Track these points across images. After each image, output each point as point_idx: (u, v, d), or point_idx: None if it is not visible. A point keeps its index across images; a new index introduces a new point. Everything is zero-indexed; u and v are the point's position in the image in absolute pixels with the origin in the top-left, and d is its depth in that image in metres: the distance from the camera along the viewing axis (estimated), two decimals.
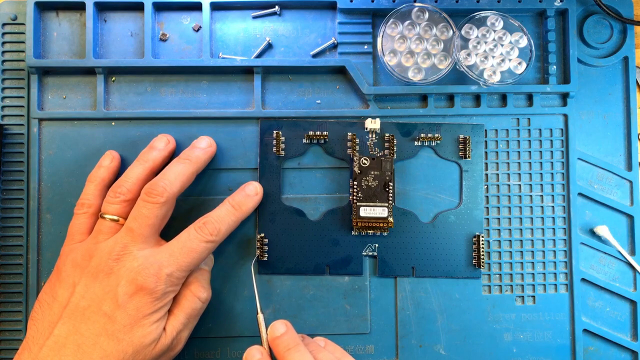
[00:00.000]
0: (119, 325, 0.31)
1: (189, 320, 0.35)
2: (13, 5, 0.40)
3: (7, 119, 0.39)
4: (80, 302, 0.32)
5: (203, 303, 0.35)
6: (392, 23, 0.39)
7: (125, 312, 0.31)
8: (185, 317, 0.34)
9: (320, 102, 0.40)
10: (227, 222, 0.35)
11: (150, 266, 0.32)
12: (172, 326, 0.34)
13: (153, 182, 0.34)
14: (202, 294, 0.35)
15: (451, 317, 0.39)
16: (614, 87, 0.41)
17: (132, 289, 0.32)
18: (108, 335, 0.31)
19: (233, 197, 0.37)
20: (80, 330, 0.31)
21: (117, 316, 0.31)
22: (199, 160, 0.37)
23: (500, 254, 0.40)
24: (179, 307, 0.34)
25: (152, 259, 0.33)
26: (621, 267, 0.40)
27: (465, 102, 0.41)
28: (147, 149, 0.37)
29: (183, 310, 0.34)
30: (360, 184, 0.38)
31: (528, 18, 0.41)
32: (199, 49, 0.40)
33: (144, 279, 0.32)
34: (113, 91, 0.40)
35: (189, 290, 0.35)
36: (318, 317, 0.39)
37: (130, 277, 0.32)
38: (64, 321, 0.31)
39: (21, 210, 0.39)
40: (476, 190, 0.40)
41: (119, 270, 0.32)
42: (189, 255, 0.33)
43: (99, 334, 0.31)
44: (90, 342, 0.31)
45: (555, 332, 0.40)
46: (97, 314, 0.31)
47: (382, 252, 0.39)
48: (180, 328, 0.34)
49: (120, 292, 0.32)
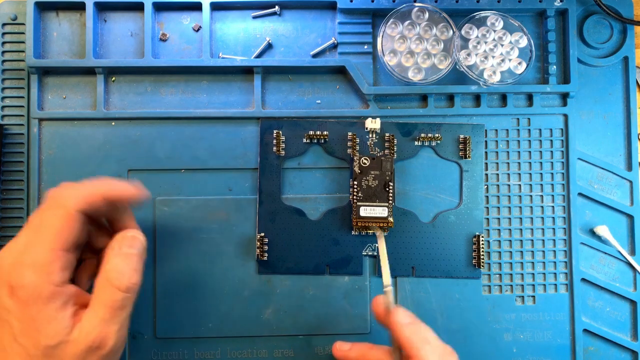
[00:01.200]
0: (16, 330, 0.28)
1: (112, 313, 0.30)
2: (13, 5, 0.40)
3: (7, 119, 0.39)
4: None
5: (126, 292, 0.30)
6: (392, 23, 0.39)
7: (14, 316, 0.28)
8: (105, 310, 0.29)
9: (320, 102, 0.40)
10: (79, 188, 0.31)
11: (15, 262, 0.28)
12: (89, 321, 0.29)
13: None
14: (122, 282, 0.30)
15: (451, 317, 0.39)
16: (614, 87, 0.41)
17: (7, 290, 0.28)
18: (14, 341, 0.28)
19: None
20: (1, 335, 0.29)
21: (11, 320, 0.28)
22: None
23: (500, 254, 0.40)
24: (96, 299, 0.30)
25: (15, 252, 0.29)
26: (621, 267, 0.40)
27: (465, 102, 0.41)
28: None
29: (101, 303, 0.30)
30: (361, 184, 0.38)
31: (528, 18, 0.41)
32: (199, 49, 0.40)
33: (10, 277, 0.28)
34: (113, 91, 0.40)
35: (105, 279, 0.30)
36: (318, 317, 0.39)
37: (5, 278, 0.28)
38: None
39: (21, 210, 0.39)
40: (476, 190, 0.40)
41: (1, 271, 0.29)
42: (41, 232, 0.29)
43: (10, 340, 0.28)
44: (9, 347, 0.29)
45: (555, 332, 0.40)
46: (1, 319, 0.29)
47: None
48: (101, 323, 0.29)
49: (2, 295, 0.28)
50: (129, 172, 0.39)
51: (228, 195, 0.39)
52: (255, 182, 0.39)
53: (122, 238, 0.32)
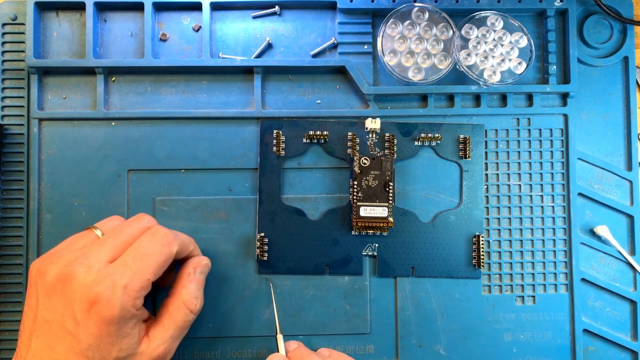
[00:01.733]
0: (84, 344, 0.29)
1: (180, 332, 0.33)
2: (13, 5, 0.40)
3: (7, 119, 0.39)
4: (47, 314, 0.30)
5: (195, 314, 0.34)
6: (392, 23, 0.39)
7: (86, 331, 0.29)
8: (175, 328, 0.33)
9: (320, 102, 0.40)
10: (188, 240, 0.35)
11: (103, 280, 0.29)
12: (160, 337, 0.32)
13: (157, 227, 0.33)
14: (195, 306, 0.34)
15: (451, 317, 0.39)
16: (614, 87, 0.41)
17: (86, 305, 0.29)
18: (77, 354, 0.29)
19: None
20: (52, 345, 0.30)
21: (79, 335, 0.29)
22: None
23: (500, 254, 0.40)
24: (169, 319, 0.33)
25: (105, 271, 0.30)
26: (621, 267, 0.40)
27: (465, 102, 0.41)
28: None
29: (174, 322, 0.33)
30: (361, 184, 0.38)
31: (528, 18, 0.41)
32: (199, 49, 0.40)
33: (96, 295, 0.29)
34: (113, 91, 0.40)
35: (182, 302, 0.33)
36: (318, 317, 0.39)
37: (84, 293, 0.29)
38: (37, 335, 0.30)
39: (21, 210, 0.39)
40: (476, 190, 0.40)
41: (72, 283, 0.29)
42: (145, 261, 0.31)
43: (69, 351, 0.29)
44: (63, 358, 0.29)
45: (555, 332, 0.40)
46: (62, 330, 0.29)
47: (382, 252, 0.39)
48: (169, 340, 0.32)
49: (77, 309, 0.29)
50: (129, 172, 0.39)
51: (228, 195, 0.39)
52: (255, 182, 0.39)
53: (198, 264, 0.35)
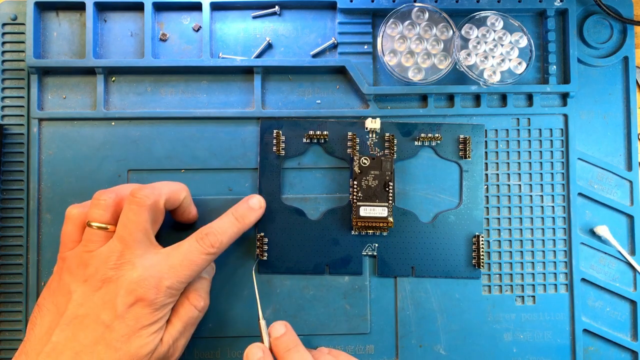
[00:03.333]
0: (117, 334, 0.31)
1: (185, 328, 0.34)
2: (13, 5, 0.40)
3: (7, 119, 0.39)
4: (79, 310, 0.31)
5: (200, 312, 0.35)
6: (392, 23, 0.39)
7: (123, 322, 0.31)
8: (182, 325, 0.34)
9: (320, 102, 0.40)
10: (229, 234, 0.35)
11: (150, 277, 0.32)
12: (169, 335, 0.33)
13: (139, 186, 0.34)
14: (199, 303, 0.35)
15: (451, 317, 0.39)
16: (614, 87, 0.41)
17: (131, 299, 0.31)
18: (106, 344, 0.31)
19: (236, 209, 0.36)
20: (79, 338, 0.31)
21: (115, 326, 0.31)
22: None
23: (500, 254, 0.40)
24: (176, 316, 0.34)
25: (152, 270, 0.32)
26: (621, 267, 0.40)
27: (465, 102, 0.41)
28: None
29: (180, 319, 0.34)
30: (360, 184, 0.38)
31: (528, 18, 0.41)
32: (199, 49, 0.40)
33: (144, 291, 0.31)
34: (113, 91, 0.40)
35: (187, 299, 0.35)
36: (318, 317, 0.39)
37: (130, 288, 0.31)
38: (62, 328, 0.31)
39: (21, 210, 0.39)
40: (476, 190, 0.40)
41: (118, 279, 0.32)
42: (189, 268, 0.33)
43: (97, 342, 0.31)
44: (88, 350, 0.31)
45: (555, 332, 0.40)
46: (96, 322, 0.31)
47: (382, 252, 0.39)
48: (177, 337, 0.34)
49: (119, 303, 0.31)
50: (129, 172, 0.39)
51: (228, 195, 0.39)
52: (255, 182, 0.39)
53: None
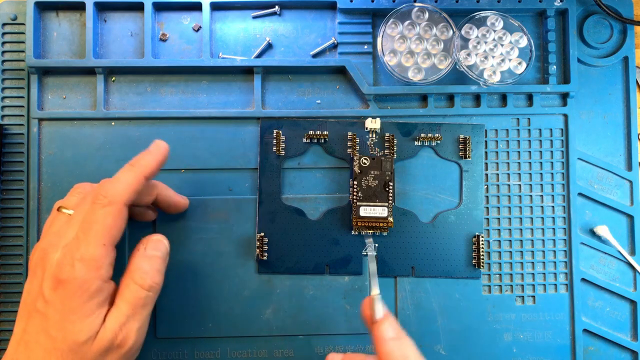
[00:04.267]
0: (51, 322, 0.29)
1: (134, 310, 0.31)
2: (13, 5, 0.40)
3: (7, 119, 0.39)
4: (27, 298, 0.31)
5: (148, 291, 0.32)
6: (392, 23, 0.39)
7: (53, 308, 0.29)
8: (128, 307, 0.31)
9: (320, 102, 0.40)
10: (123, 181, 0.32)
11: (64, 256, 0.30)
12: (113, 318, 0.30)
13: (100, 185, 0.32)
14: (145, 281, 0.32)
15: (451, 317, 0.39)
16: (614, 87, 0.41)
17: (53, 283, 0.29)
18: (44, 333, 0.29)
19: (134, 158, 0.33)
20: (28, 328, 0.30)
21: (48, 312, 0.29)
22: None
23: (500, 254, 0.40)
24: (120, 297, 0.31)
25: (65, 248, 0.30)
26: (621, 267, 0.40)
27: (465, 102, 0.41)
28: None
29: (125, 300, 0.31)
30: (360, 184, 0.38)
31: (528, 18, 0.41)
32: (199, 49, 0.40)
33: (60, 271, 0.29)
34: (113, 91, 0.40)
35: (130, 278, 0.32)
36: (318, 317, 0.39)
37: (51, 271, 0.30)
38: (19, 319, 0.31)
39: (21, 210, 0.39)
40: (476, 190, 0.40)
41: (44, 264, 0.30)
42: (92, 229, 0.30)
43: (38, 331, 0.30)
44: (34, 340, 0.30)
45: (555, 332, 0.40)
46: (35, 311, 0.30)
47: (382, 252, 0.39)
48: (124, 320, 0.31)
49: (45, 287, 0.30)
50: None
51: (228, 195, 0.39)
52: (255, 182, 0.39)
53: (148, 241, 0.34)
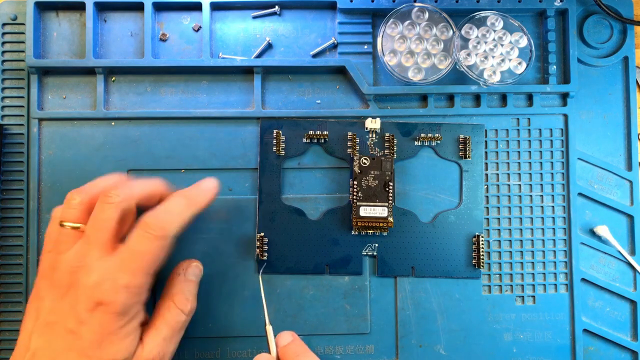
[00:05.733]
0: (86, 342, 0.30)
1: (172, 333, 0.33)
2: (13, 5, 0.40)
3: (7, 119, 0.39)
4: (49, 316, 0.31)
5: (187, 316, 0.34)
6: (392, 23, 0.39)
7: (89, 329, 0.30)
8: (168, 330, 0.33)
9: (320, 102, 0.40)
10: (177, 216, 0.32)
11: (105, 280, 0.30)
12: (153, 339, 0.32)
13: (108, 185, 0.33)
14: (186, 306, 0.34)
15: (451, 317, 0.39)
16: (614, 87, 0.41)
17: (90, 304, 0.30)
18: (78, 352, 0.30)
19: (185, 190, 0.34)
20: (53, 345, 0.30)
21: (82, 333, 0.30)
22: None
23: (500, 254, 0.40)
24: (161, 320, 0.33)
25: (106, 272, 0.30)
26: (621, 267, 0.40)
27: (465, 102, 0.41)
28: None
29: (167, 324, 0.33)
30: (360, 184, 0.38)
31: (528, 18, 0.41)
32: (199, 49, 0.40)
33: (102, 294, 0.30)
34: (113, 91, 0.40)
35: (172, 302, 0.34)
36: (318, 317, 0.39)
37: (88, 293, 0.30)
38: (38, 334, 0.31)
39: (21, 210, 0.39)
40: (476, 190, 0.40)
41: (77, 285, 0.30)
42: (141, 259, 0.31)
43: (69, 349, 0.30)
44: (62, 356, 0.30)
45: (555, 332, 0.40)
46: (64, 329, 0.30)
47: (382, 252, 0.39)
48: (163, 342, 0.32)
49: (81, 309, 0.30)
50: (129, 172, 0.39)
51: (228, 195, 0.39)
52: (255, 182, 0.39)
53: (188, 266, 0.36)
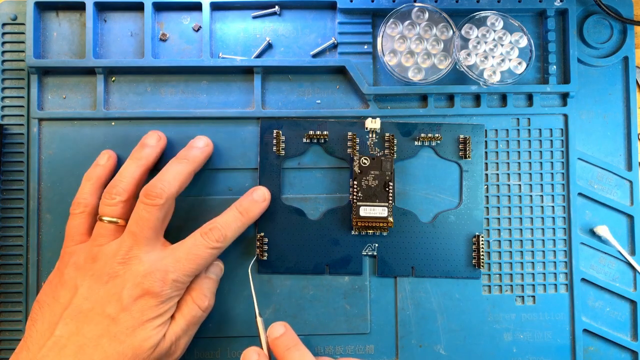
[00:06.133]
0: (122, 327, 0.31)
1: (188, 327, 0.34)
2: (13, 5, 0.40)
3: (7, 119, 0.39)
4: (84, 303, 0.32)
5: (204, 312, 0.35)
6: (392, 23, 0.39)
7: (129, 315, 0.32)
8: (185, 323, 0.34)
9: (320, 102, 0.40)
10: (233, 228, 0.35)
11: (156, 271, 0.32)
12: (172, 331, 0.34)
13: (151, 183, 0.34)
14: (203, 303, 0.35)
15: (451, 317, 0.39)
16: (614, 87, 0.41)
17: (137, 292, 0.32)
18: (110, 337, 0.31)
19: (240, 203, 0.36)
20: (83, 331, 0.31)
21: (120, 318, 0.31)
22: (197, 159, 0.37)
23: (500, 254, 0.40)
24: (180, 313, 0.34)
25: (158, 263, 0.33)
26: (621, 267, 0.40)
27: (465, 102, 0.41)
28: (138, 147, 0.37)
29: (184, 317, 0.34)
30: (360, 184, 0.38)
31: (528, 18, 0.41)
32: (199, 49, 0.40)
33: (151, 283, 0.32)
34: (113, 91, 0.40)
35: (191, 297, 0.35)
36: (318, 317, 0.39)
37: (137, 280, 0.32)
38: (66, 322, 0.31)
39: (21, 210, 0.39)
40: (476, 190, 0.40)
41: (125, 273, 0.32)
42: (195, 262, 0.33)
43: (101, 335, 0.31)
44: (92, 343, 0.31)
45: (555, 332, 0.40)
46: (101, 315, 0.31)
47: (382, 252, 0.39)
48: (180, 334, 0.34)
49: (126, 295, 0.32)
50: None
51: (228, 195, 0.39)
52: (255, 182, 0.39)
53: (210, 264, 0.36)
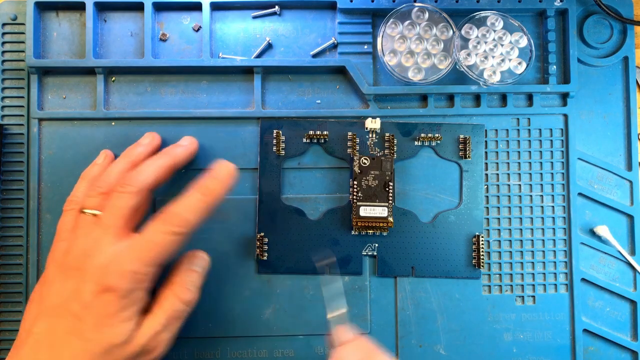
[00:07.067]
0: (87, 324, 0.30)
1: (169, 321, 0.33)
2: (13, 5, 0.40)
3: (7, 119, 0.39)
4: (54, 299, 0.31)
5: (185, 306, 0.34)
6: (392, 23, 0.39)
7: (91, 312, 0.30)
8: (165, 317, 0.33)
9: (320, 102, 0.40)
10: (195, 211, 0.33)
11: (113, 264, 0.31)
12: (149, 326, 0.32)
13: (127, 174, 0.34)
14: (184, 296, 0.33)
15: (451, 317, 0.39)
16: (614, 87, 0.41)
17: (97, 287, 0.30)
18: (77, 335, 0.30)
19: (202, 182, 0.34)
20: (54, 328, 0.30)
21: (84, 315, 0.30)
22: (177, 155, 0.36)
23: (500, 254, 0.40)
24: (159, 307, 0.33)
25: (116, 257, 0.31)
26: (621, 267, 0.40)
27: (465, 102, 0.41)
28: (132, 146, 0.37)
29: (163, 311, 0.33)
30: (360, 184, 0.38)
31: (528, 18, 0.41)
32: (199, 49, 0.40)
33: (108, 278, 0.30)
34: (113, 91, 0.40)
35: (171, 291, 0.33)
36: (318, 317, 0.39)
37: (96, 275, 0.30)
38: (42, 319, 0.31)
39: (21, 210, 0.39)
40: (476, 190, 0.40)
41: (87, 267, 0.31)
42: (154, 250, 0.31)
43: (70, 332, 0.30)
44: (62, 340, 0.30)
45: (555, 332, 0.40)
46: (67, 312, 0.30)
47: (382, 252, 0.39)
48: (159, 329, 0.32)
49: (86, 291, 0.30)
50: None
51: (228, 195, 0.39)
52: (255, 182, 0.39)
53: (192, 256, 0.35)
